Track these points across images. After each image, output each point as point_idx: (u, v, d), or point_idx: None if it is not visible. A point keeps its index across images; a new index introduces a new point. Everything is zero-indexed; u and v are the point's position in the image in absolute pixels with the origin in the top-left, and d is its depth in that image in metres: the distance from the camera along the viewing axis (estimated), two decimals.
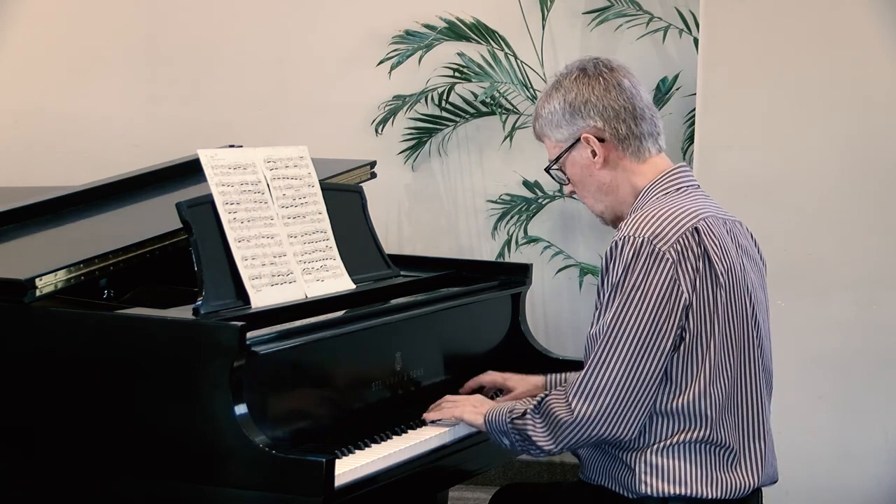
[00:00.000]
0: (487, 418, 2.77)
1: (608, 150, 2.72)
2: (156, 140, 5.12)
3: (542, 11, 4.86)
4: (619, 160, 2.73)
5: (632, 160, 2.73)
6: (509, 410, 2.72)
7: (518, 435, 2.69)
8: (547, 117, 2.77)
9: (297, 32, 5.13)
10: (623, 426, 2.58)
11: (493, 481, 4.79)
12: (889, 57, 3.89)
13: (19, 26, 5.28)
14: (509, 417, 2.70)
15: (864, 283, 3.97)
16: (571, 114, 2.73)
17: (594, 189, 2.76)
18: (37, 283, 2.73)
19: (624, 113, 2.71)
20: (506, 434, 2.72)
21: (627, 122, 2.71)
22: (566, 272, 4.95)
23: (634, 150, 2.73)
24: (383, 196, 4.86)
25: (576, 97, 2.72)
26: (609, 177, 2.74)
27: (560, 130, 2.75)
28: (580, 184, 2.78)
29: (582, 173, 2.76)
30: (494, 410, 2.77)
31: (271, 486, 2.52)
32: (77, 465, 2.70)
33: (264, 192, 3.04)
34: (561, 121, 2.74)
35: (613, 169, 2.73)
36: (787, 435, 3.29)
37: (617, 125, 2.71)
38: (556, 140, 2.77)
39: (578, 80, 2.74)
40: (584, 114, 2.72)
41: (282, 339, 2.72)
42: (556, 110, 2.74)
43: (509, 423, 2.70)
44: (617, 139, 2.72)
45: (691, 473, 2.62)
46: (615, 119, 2.71)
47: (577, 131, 2.73)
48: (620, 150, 2.72)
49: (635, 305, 2.57)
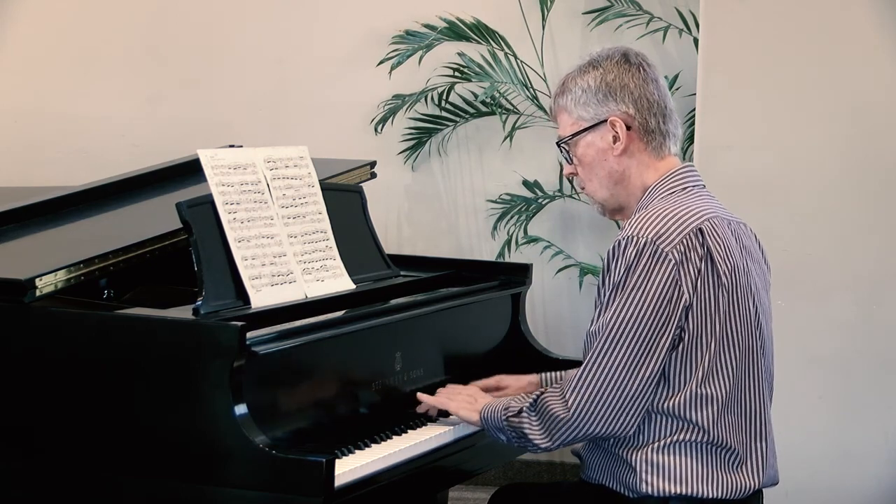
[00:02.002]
0: (483, 415, 2.78)
1: (631, 139, 2.72)
2: (156, 140, 5.12)
3: (542, 11, 4.86)
4: (638, 152, 2.73)
5: (650, 155, 2.73)
6: (504, 408, 2.73)
7: (514, 432, 2.70)
8: (576, 93, 2.74)
9: (297, 32, 5.13)
10: (618, 424, 2.59)
11: (493, 481, 4.79)
12: (889, 57, 3.89)
13: (19, 26, 5.28)
14: (504, 415, 2.71)
15: (864, 283, 3.97)
16: (606, 94, 2.72)
17: (603, 175, 2.75)
18: (37, 283, 2.73)
19: (656, 107, 2.72)
20: (502, 431, 2.73)
21: (657, 117, 2.72)
22: (566, 272, 4.95)
23: (657, 145, 2.73)
24: (383, 196, 4.86)
25: (615, 79, 2.71)
26: (623, 166, 2.73)
27: (587, 108, 2.73)
28: (588, 167, 2.76)
29: (596, 156, 2.74)
30: (490, 407, 2.77)
31: (271, 486, 2.52)
32: (77, 465, 2.70)
33: (264, 192, 3.04)
34: (591, 99, 2.73)
35: (630, 159, 2.73)
36: (787, 435, 3.29)
37: (648, 117, 2.71)
38: (577, 117, 2.75)
39: (620, 64, 2.73)
40: (618, 98, 2.71)
41: (282, 339, 2.72)
42: (590, 87, 2.72)
43: (504, 421, 2.71)
44: (644, 130, 2.71)
45: (693, 473, 2.62)
46: (648, 111, 2.71)
47: (605, 113, 2.72)
48: (643, 141, 2.72)
49: (636, 305, 2.57)
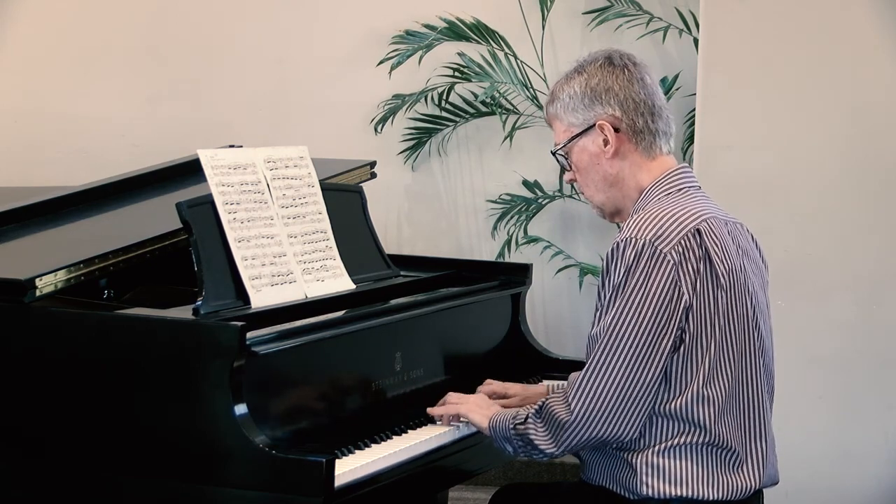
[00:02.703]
0: (492, 424, 2.77)
1: (621, 141, 2.71)
2: (156, 140, 5.12)
3: (542, 11, 4.86)
4: (629, 153, 2.72)
5: (642, 155, 2.72)
6: (513, 417, 2.71)
7: (521, 440, 2.68)
8: (564, 100, 2.75)
9: (297, 32, 5.13)
10: (623, 427, 2.58)
11: (493, 481, 4.79)
12: (889, 57, 3.89)
13: (19, 26, 5.28)
14: (512, 423, 2.70)
15: (864, 283, 3.97)
16: (591, 99, 2.71)
17: (598, 179, 2.75)
18: (37, 283, 2.73)
19: (643, 107, 2.71)
20: (509, 441, 2.71)
21: (645, 117, 2.71)
22: (566, 272, 4.95)
23: (647, 145, 2.72)
24: (383, 196, 4.86)
25: (598, 83, 2.71)
26: (616, 168, 2.73)
27: (575, 114, 2.74)
28: (584, 172, 2.76)
29: (589, 161, 2.74)
30: (498, 417, 2.76)
31: (271, 486, 2.52)
32: (77, 465, 2.70)
33: (264, 192, 3.04)
34: (579, 105, 2.73)
35: (622, 161, 2.72)
36: (787, 435, 3.29)
37: (635, 117, 2.71)
38: (568, 124, 2.75)
39: (603, 67, 2.73)
40: (604, 101, 2.71)
41: (282, 339, 2.72)
42: (576, 93, 2.73)
43: (512, 430, 2.70)
44: (632, 131, 2.71)
45: (693, 475, 2.61)
46: (634, 111, 2.70)
47: (593, 117, 2.72)
48: (633, 142, 2.72)
49: (636, 307, 2.56)
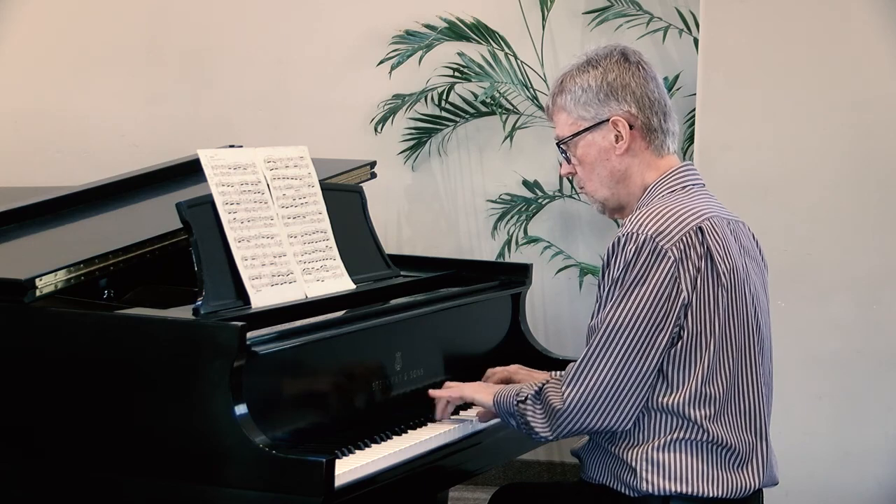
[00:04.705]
0: (496, 398, 2.79)
1: (634, 138, 2.71)
2: (156, 140, 5.12)
3: (542, 11, 4.86)
4: (640, 151, 2.72)
5: (652, 153, 2.72)
6: (516, 393, 2.74)
7: (521, 418, 2.71)
8: (576, 92, 2.72)
9: (297, 32, 5.13)
10: (614, 418, 2.60)
11: (493, 481, 4.79)
12: (889, 57, 3.89)
13: (19, 26, 5.28)
14: (516, 400, 2.73)
15: (864, 283, 3.97)
16: (607, 94, 2.70)
17: (605, 174, 2.73)
18: (37, 283, 2.73)
19: (657, 106, 2.71)
20: (512, 416, 2.74)
21: (659, 116, 2.71)
22: (566, 272, 4.95)
23: (658, 144, 2.72)
24: (383, 196, 4.86)
25: (616, 79, 2.70)
26: (625, 165, 2.72)
27: (587, 108, 2.71)
28: (590, 166, 2.74)
29: (598, 156, 2.73)
30: (504, 391, 2.79)
31: (271, 487, 2.52)
32: (77, 465, 2.70)
33: (264, 192, 3.04)
34: (592, 99, 2.71)
35: (632, 158, 2.72)
36: (787, 435, 3.29)
37: (650, 116, 2.70)
38: (577, 116, 2.73)
39: (620, 63, 2.71)
40: (620, 97, 2.70)
41: (282, 339, 2.72)
42: (591, 87, 2.70)
43: (515, 406, 2.72)
44: (647, 129, 2.70)
45: (694, 471, 2.62)
46: (649, 109, 2.70)
47: (607, 113, 2.70)
48: (646, 140, 2.71)
49: (634, 301, 2.57)
